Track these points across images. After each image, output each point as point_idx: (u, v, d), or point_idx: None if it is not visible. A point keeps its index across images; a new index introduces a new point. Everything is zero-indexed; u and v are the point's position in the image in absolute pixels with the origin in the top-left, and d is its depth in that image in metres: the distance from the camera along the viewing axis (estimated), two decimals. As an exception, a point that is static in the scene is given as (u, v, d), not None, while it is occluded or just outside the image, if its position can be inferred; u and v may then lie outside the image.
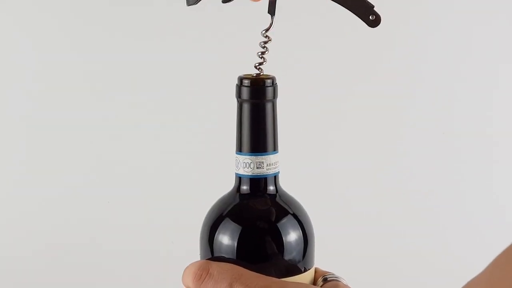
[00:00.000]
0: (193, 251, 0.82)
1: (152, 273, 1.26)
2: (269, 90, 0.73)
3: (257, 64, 0.75)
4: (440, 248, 1.29)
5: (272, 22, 0.74)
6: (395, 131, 1.34)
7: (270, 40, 0.74)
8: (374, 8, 0.71)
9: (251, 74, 0.75)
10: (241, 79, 0.73)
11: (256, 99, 0.73)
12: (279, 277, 0.74)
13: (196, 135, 1.33)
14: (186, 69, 1.34)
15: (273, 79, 0.74)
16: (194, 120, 1.33)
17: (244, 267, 0.72)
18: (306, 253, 0.75)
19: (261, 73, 0.74)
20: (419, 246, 1.29)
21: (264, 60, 0.75)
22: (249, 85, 0.73)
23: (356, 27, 1.32)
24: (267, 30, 0.75)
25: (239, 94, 0.73)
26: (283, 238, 0.74)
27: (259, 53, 0.75)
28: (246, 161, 0.74)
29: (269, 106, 0.73)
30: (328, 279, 0.74)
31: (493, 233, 1.31)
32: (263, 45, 0.75)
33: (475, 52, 1.34)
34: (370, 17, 0.71)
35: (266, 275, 0.73)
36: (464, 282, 0.59)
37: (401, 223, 1.31)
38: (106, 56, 1.34)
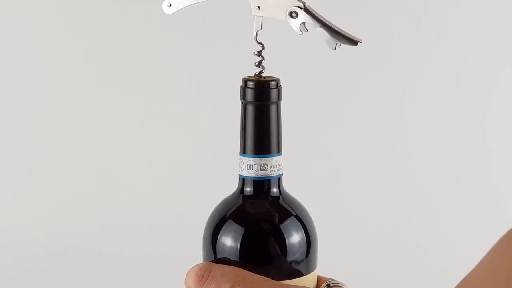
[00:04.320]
0: (196, 253, 0.82)
1: (154, 275, 1.26)
2: (274, 92, 0.73)
3: (256, 63, 0.75)
4: (444, 249, 1.29)
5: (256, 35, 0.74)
6: (398, 133, 1.34)
7: (263, 48, 0.74)
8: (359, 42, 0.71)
9: (255, 75, 0.75)
10: (245, 81, 0.73)
11: (260, 101, 0.73)
12: (282, 279, 0.74)
13: (200, 136, 1.33)
14: (190, 70, 1.33)
15: (277, 81, 0.74)
16: (197, 121, 1.33)
17: (246, 269, 0.72)
18: (309, 256, 0.75)
19: (263, 71, 0.74)
20: (422, 248, 1.29)
21: (263, 68, 0.75)
22: (254, 87, 0.73)
23: (361, 29, 1.32)
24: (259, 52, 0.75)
25: (243, 96, 0.73)
26: (286, 240, 0.74)
27: (256, 63, 0.75)
28: (249, 162, 0.74)
29: (273, 108, 0.73)
30: (331, 285, 0.74)
31: (497, 233, 1.31)
32: (257, 54, 0.75)
33: (476, 52, 1.35)
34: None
35: (269, 277, 0.73)
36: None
37: (405, 225, 1.31)
38: (106, 56, 1.34)
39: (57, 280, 1.26)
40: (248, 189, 0.75)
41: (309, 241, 0.75)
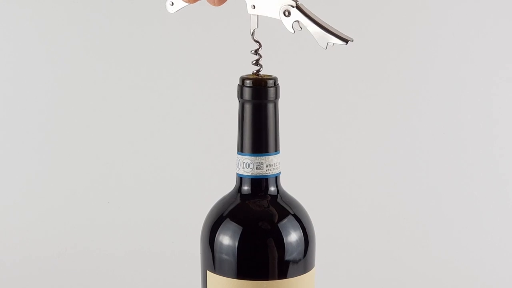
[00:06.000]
0: (194, 252, 0.82)
1: (152, 274, 1.26)
2: (271, 91, 0.73)
3: (254, 62, 0.75)
4: (445, 249, 1.29)
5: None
6: (396, 131, 1.34)
7: (260, 47, 0.75)
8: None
9: (252, 74, 0.75)
10: (242, 79, 0.73)
11: (258, 99, 0.73)
12: (280, 279, 0.74)
13: (198, 134, 1.33)
14: (187, 69, 1.33)
15: (275, 79, 0.74)
16: (196, 119, 1.33)
17: (244, 268, 0.73)
18: (307, 254, 0.75)
19: (261, 69, 0.74)
20: (422, 248, 1.29)
21: (261, 67, 0.75)
22: (251, 85, 0.73)
23: (360, 28, 1.32)
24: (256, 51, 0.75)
25: (240, 95, 0.73)
26: (284, 239, 0.74)
27: (253, 61, 0.75)
28: (245, 161, 0.74)
29: (270, 106, 0.73)
30: None
31: (498, 231, 1.31)
32: (254, 52, 0.75)
33: (476, 51, 1.34)
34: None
35: (267, 275, 0.73)
36: (473, 281, 0.58)
37: (404, 225, 1.31)
38: (104, 57, 1.34)
39: (57, 280, 1.26)
40: (246, 188, 0.75)
41: (307, 240, 0.75)
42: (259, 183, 0.75)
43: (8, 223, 1.33)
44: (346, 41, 0.71)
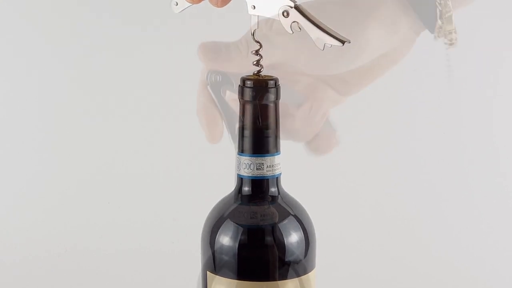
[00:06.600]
0: (194, 252, 0.82)
1: (152, 274, 1.26)
2: (272, 91, 0.73)
3: (254, 62, 0.75)
4: (446, 251, 1.29)
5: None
6: (398, 132, 1.34)
7: (261, 47, 0.74)
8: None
9: (253, 74, 0.74)
10: (243, 80, 0.73)
11: (258, 100, 0.73)
12: (280, 280, 0.73)
13: (198, 134, 1.33)
14: (188, 70, 1.33)
15: (276, 80, 0.73)
16: (196, 119, 1.33)
17: (245, 269, 0.72)
18: (308, 255, 0.75)
19: (262, 70, 0.74)
20: (423, 247, 1.29)
21: (262, 67, 0.74)
22: (252, 86, 0.73)
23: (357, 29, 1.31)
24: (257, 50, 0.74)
25: (241, 95, 0.73)
26: (284, 240, 0.74)
27: (254, 62, 0.74)
28: (246, 162, 0.74)
29: (271, 107, 0.73)
30: None
31: (502, 233, 1.31)
32: (255, 53, 0.74)
33: (476, 50, 1.34)
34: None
35: (267, 277, 0.73)
36: (473, 281, 0.58)
37: (404, 225, 1.31)
38: (106, 55, 1.34)
39: (57, 280, 1.26)
40: (246, 189, 0.75)
41: (307, 241, 0.75)
42: (260, 184, 0.75)
43: (8, 223, 1.33)
44: (343, 42, 0.71)
